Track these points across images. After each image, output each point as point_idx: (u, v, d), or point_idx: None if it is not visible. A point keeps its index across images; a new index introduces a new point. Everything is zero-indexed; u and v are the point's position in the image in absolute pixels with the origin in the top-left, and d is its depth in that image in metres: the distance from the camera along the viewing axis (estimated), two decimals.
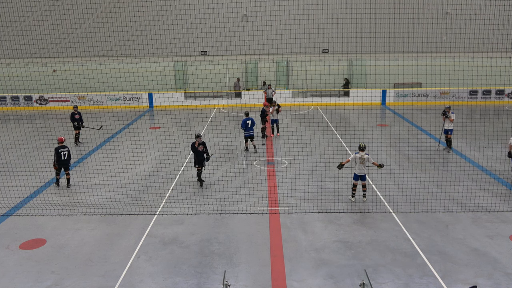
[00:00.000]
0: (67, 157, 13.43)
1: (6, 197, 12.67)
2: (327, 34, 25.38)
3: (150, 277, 8.65)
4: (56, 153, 13.33)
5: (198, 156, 13.20)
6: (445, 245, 9.66)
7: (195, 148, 13.12)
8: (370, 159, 11.80)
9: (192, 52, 26.57)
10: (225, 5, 25.57)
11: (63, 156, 13.37)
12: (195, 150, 13.14)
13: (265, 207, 11.78)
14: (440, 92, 27.91)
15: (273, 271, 8.81)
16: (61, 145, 13.48)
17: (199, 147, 13.09)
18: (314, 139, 18.71)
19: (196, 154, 13.18)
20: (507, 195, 12.37)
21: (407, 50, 25.66)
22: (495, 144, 17.49)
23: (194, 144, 13.15)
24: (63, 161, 13.40)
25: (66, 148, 13.48)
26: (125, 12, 22.52)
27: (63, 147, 13.45)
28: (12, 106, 28.25)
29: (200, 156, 13.20)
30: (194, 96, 28.36)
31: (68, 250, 9.77)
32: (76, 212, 11.69)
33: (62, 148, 13.43)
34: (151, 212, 11.65)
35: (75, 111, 18.54)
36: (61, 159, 13.35)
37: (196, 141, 13.14)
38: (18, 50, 25.90)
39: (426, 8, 26.27)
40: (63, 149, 13.42)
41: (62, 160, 13.38)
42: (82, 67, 27.24)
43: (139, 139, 19.01)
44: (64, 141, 13.66)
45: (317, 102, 28.27)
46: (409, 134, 19.79)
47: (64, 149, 13.43)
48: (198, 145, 13.10)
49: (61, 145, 13.50)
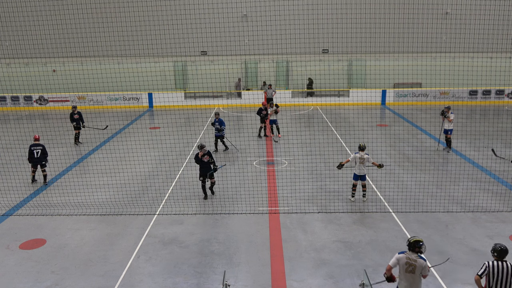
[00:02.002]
0: (39, 155, 13.58)
1: (6, 197, 12.68)
2: (327, 34, 25.41)
3: (150, 277, 8.65)
4: (29, 151, 13.57)
5: (202, 168, 12.32)
6: (445, 245, 9.66)
7: (199, 159, 12.24)
8: (370, 159, 11.80)
9: (192, 52, 26.56)
10: (225, 5, 25.55)
11: (36, 154, 13.55)
12: (200, 161, 12.27)
13: (265, 207, 11.78)
14: (440, 92, 27.91)
15: (273, 271, 8.81)
16: (35, 143, 13.68)
17: (204, 158, 12.26)
18: (314, 139, 18.72)
19: (201, 165, 12.32)
20: (507, 195, 12.37)
21: (407, 50, 25.66)
22: (495, 144, 17.49)
23: (198, 155, 12.28)
24: (36, 159, 13.58)
25: (40, 146, 13.64)
26: (125, 12, 22.49)
27: (37, 145, 13.63)
28: (12, 106, 28.25)
29: (205, 168, 12.32)
30: (194, 96, 28.36)
31: (68, 250, 9.78)
32: (76, 212, 11.69)
33: (35, 146, 13.62)
34: (151, 212, 11.66)
35: (74, 111, 18.55)
36: (33, 157, 13.54)
37: (200, 152, 12.26)
38: (18, 50, 25.90)
39: (426, 8, 26.27)
40: (36, 147, 13.60)
41: (35, 158, 13.57)
42: (82, 67, 27.23)
43: (139, 139, 19.01)
44: (39, 139, 13.83)
45: (317, 102, 28.27)
46: (409, 134, 19.79)
47: (38, 147, 13.60)
48: (203, 155, 12.24)
49: (35, 143, 13.71)
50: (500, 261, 6.47)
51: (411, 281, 6.50)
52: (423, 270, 6.46)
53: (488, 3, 19.48)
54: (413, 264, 6.46)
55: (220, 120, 16.81)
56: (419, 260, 6.47)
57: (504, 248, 6.47)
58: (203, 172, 12.32)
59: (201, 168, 12.34)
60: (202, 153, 12.22)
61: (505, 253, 6.46)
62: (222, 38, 25.11)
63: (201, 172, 12.34)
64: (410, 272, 6.46)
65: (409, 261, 6.48)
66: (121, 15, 21.92)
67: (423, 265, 6.45)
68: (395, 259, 6.61)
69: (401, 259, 6.54)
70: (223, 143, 17.24)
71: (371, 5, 25.47)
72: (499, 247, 6.52)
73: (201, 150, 12.24)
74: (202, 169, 12.32)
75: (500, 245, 6.53)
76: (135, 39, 25.26)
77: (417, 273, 6.46)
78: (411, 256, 6.51)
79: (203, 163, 12.27)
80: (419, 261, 6.46)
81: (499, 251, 6.48)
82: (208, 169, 12.32)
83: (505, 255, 6.47)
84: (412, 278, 6.48)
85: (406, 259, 6.50)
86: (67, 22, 23.74)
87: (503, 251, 6.46)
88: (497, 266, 6.43)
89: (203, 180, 12.38)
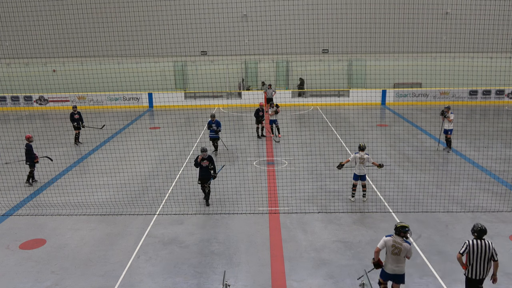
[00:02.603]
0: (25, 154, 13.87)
1: (6, 197, 12.68)
2: (327, 34, 25.41)
3: (150, 277, 8.65)
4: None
5: (201, 172, 11.86)
6: (445, 245, 9.66)
7: (197, 163, 11.82)
8: (370, 159, 11.80)
9: (192, 52, 26.57)
10: (225, 5, 25.55)
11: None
12: (199, 166, 11.87)
13: (265, 207, 11.78)
14: (440, 92, 27.92)
15: (273, 271, 8.81)
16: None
17: (203, 162, 11.79)
18: (314, 139, 18.72)
19: (200, 169, 11.90)
20: (507, 195, 12.36)
21: (407, 50, 25.66)
22: (495, 144, 17.49)
23: (197, 159, 11.82)
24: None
25: (26, 146, 13.85)
26: (125, 12, 22.50)
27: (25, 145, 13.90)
28: (12, 106, 28.26)
29: (204, 172, 11.85)
30: (194, 96, 28.36)
31: (68, 250, 9.78)
32: (76, 212, 11.69)
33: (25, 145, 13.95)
34: (151, 212, 11.66)
35: (74, 111, 18.55)
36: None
37: (201, 155, 11.79)
38: (18, 50, 25.91)
39: (426, 8, 26.28)
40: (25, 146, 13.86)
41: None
42: (82, 67, 27.24)
43: (139, 139, 19.02)
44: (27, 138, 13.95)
45: (317, 102, 28.27)
46: (409, 134, 19.79)
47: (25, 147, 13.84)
48: (202, 160, 11.77)
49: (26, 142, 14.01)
50: (479, 240, 7.08)
51: (396, 262, 7.14)
52: (407, 253, 7.09)
53: (488, 3, 19.48)
54: (399, 247, 7.06)
55: (217, 121, 16.50)
56: (404, 244, 7.07)
57: (484, 228, 7.10)
58: (201, 177, 11.88)
59: (200, 172, 11.91)
60: (201, 157, 11.76)
61: (484, 232, 7.08)
62: (222, 38, 25.12)
63: (200, 176, 11.91)
64: (396, 254, 7.09)
65: (395, 244, 7.08)
66: (121, 15, 21.93)
67: (407, 248, 7.05)
68: (383, 241, 7.19)
69: (388, 241, 7.14)
70: (216, 146, 16.79)
71: (371, 5, 25.47)
72: (478, 227, 7.12)
73: (202, 154, 11.79)
74: (201, 173, 11.88)
75: (480, 225, 7.14)
76: (135, 39, 25.27)
77: (401, 255, 7.09)
78: (397, 239, 7.10)
79: (202, 167, 11.83)
80: (404, 245, 7.06)
81: (479, 230, 7.10)
82: (207, 174, 11.84)
83: (484, 234, 7.08)
84: (397, 259, 7.13)
85: (392, 242, 7.10)
86: (67, 22, 23.75)
87: (482, 230, 7.08)
88: (477, 244, 7.04)
89: (201, 184, 11.98)
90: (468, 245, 7.09)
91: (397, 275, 7.22)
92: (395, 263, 7.14)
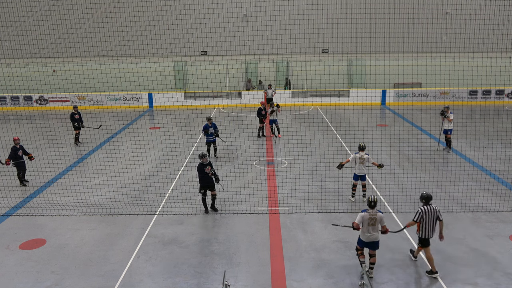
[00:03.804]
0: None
1: (6, 197, 12.68)
2: (327, 34, 25.41)
3: (150, 277, 8.65)
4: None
5: (203, 179, 11.29)
6: (445, 245, 9.66)
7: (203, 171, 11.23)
8: (370, 159, 11.79)
9: (192, 52, 26.57)
10: (225, 5, 25.57)
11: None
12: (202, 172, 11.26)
13: (265, 207, 11.78)
14: (440, 92, 27.92)
15: (272, 271, 8.81)
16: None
17: (206, 169, 11.24)
18: (314, 139, 18.72)
19: (202, 176, 11.28)
20: (507, 195, 12.36)
21: (407, 50, 25.66)
22: (495, 144, 17.50)
23: (202, 164, 11.24)
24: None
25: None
26: (125, 12, 22.51)
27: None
28: (12, 106, 28.26)
29: (206, 179, 11.30)
30: (194, 96, 28.36)
31: (68, 250, 9.78)
32: (76, 212, 11.69)
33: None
34: (151, 212, 11.66)
35: (75, 111, 18.54)
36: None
37: (202, 161, 11.26)
38: (18, 50, 25.91)
39: (426, 8, 26.27)
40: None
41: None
42: (82, 67, 27.25)
43: (139, 139, 19.02)
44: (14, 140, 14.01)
45: (317, 102, 28.28)
46: (409, 134, 19.79)
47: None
48: (204, 166, 11.24)
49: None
50: (427, 205, 8.40)
51: (372, 231, 8.22)
52: (381, 221, 8.22)
53: (488, 3, 19.47)
54: (374, 218, 8.17)
55: (214, 124, 16.05)
56: (378, 213, 8.20)
57: (430, 195, 8.46)
58: (204, 184, 11.32)
59: (202, 179, 11.31)
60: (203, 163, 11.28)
61: (430, 198, 8.43)
62: (222, 38, 25.13)
63: (202, 183, 11.32)
64: (372, 225, 8.18)
65: (371, 216, 8.16)
66: (121, 15, 21.93)
67: (381, 216, 8.21)
68: (360, 217, 8.20)
69: (365, 216, 8.19)
70: (216, 149, 16.42)
71: (371, 5, 25.47)
72: (425, 194, 8.45)
73: (203, 159, 11.22)
74: (203, 180, 11.30)
75: (426, 193, 8.48)
76: (135, 39, 25.27)
77: (376, 225, 8.22)
78: (372, 211, 8.18)
79: (204, 174, 11.29)
80: (378, 214, 8.20)
81: (426, 197, 8.43)
82: (209, 181, 11.36)
83: (430, 200, 8.43)
84: (373, 228, 8.23)
85: (369, 215, 8.16)
86: (67, 22, 23.75)
87: (429, 197, 8.43)
88: (426, 210, 8.36)
89: (204, 193, 11.41)
90: (420, 211, 8.34)
91: (373, 242, 8.32)
92: (370, 232, 8.20)
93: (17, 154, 13.69)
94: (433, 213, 8.36)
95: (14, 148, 13.75)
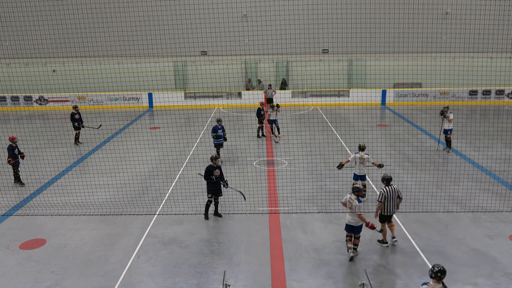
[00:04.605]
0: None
1: (6, 197, 12.68)
2: (327, 34, 25.39)
3: (149, 277, 8.65)
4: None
5: (211, 183, 10.93)
6: (445, 245, 9.66)
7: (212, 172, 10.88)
8: (370, 159, 11.80)
9: (192, 52, 26.57)
10: (225, 5, 25.56)
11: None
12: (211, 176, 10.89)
13: (265, 207, 11.78)
14: (440, 92, 27.92)
15: (272, 271, 8.81)
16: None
17: (215, 172, 10.88)
18: (314, 139, 18.72)
19: (210, 180, 10.92)
20: (507, 195, 12.36)
21: (407, 50, 25.65)
22: (495, 144, 17.49)
23: (211, 167, 10.89)
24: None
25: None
26: (125, 12, 22.51)
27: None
28: (12, 106, 28.25)
29: (214, 183, 10.94)
30: (194, 96, 28.36)
31: (68, 250, 9.78)
32: (76, 212, 11.69)
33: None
34: (151, 212, 11.65)
35: (75, 111, 18.54)
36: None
37: (212, 164, 10.90)
38: (18, 50, 25.90)
39: (426, 8, 26.27)
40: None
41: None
42: (82, 67, 27.25)
43: (139, 139, 19.02)
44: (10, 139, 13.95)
45: (317, 102, 28.28)
46: (409, 134, 19.79)
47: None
48: (214, 168, 10.92)
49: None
50: (389, 186, 9.42)
51: (351, 215, 9.01)
52: (355, 208, 8.93)
53: (488, 3, 19.47)
54: (351, 203, 9.04)
55: (222, 126, 15.81)
56: (354, 201, 8.94)
57: (390, 176, 9.52)
58: (211, 189, 10.95)
59: (209, 184, 10.95)
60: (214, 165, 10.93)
61: (390, 179, 9.50)
62: (222, 38, 25.12)
63: (210, 188, 10.95)
64: (350, 209, 9.03)
65: (350, 201, 9.05)
66: (121, 15, 21.93)
67: (356, 204, 8.92)
68: (344, 199, 9.22)
69: (350, 198, 9.09)
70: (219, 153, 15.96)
71: (371, 5, 25.47)
72: (386, 176, 9.50)
73: (214, 161, 10.86)
74: (211, 185, 10.94)
75: (386, 175, 9.54)
76: (135, 39, 25.26)
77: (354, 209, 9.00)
78: (352, 197, 9.03)
79: (211, 178, 10.90)
80: (354, 202, 8.94)
81: (387, 179, 9.48)
82: (217, 186, 11.00)
83: (391, 181, 9.49)
84: (352, 214, 9.03)
85: (349, 199, 9.08)
86: (67, 22, 23.74)
87: (389, 178, 9.48)
88: (388, 191, 9.37)
89: (211, 197, 11.02)
90: (383, 192, 9.35)
91: (353, 226, 9.06)
92: (351, 216, 9.01)
93: (14, 152, 13.69)
94: (394, 193, 9.37)
95: (12, 147, 13.72)
